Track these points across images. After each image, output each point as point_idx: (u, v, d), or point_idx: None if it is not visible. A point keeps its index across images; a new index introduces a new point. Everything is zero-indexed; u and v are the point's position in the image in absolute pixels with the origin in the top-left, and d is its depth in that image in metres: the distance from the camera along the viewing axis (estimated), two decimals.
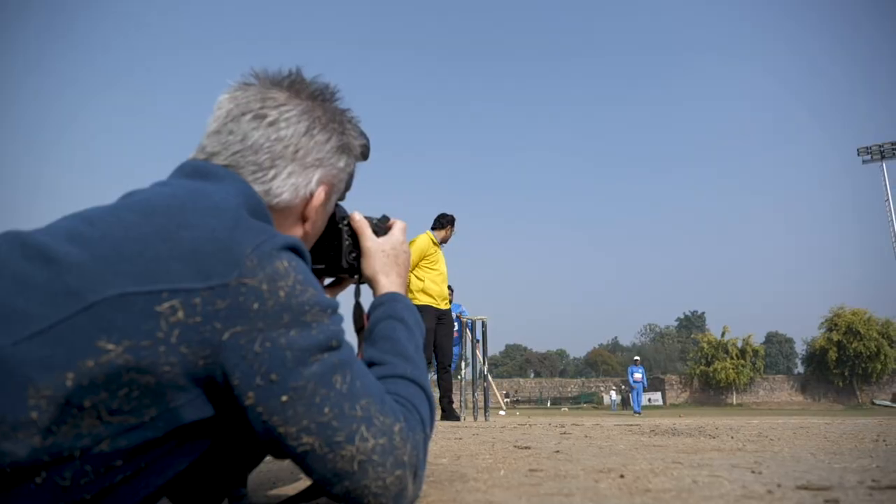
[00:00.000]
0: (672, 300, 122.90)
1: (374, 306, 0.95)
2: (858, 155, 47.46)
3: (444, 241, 6.31)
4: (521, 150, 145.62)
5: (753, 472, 1.36)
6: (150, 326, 0.63)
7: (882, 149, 46.24)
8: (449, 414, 6.23)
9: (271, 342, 0.67)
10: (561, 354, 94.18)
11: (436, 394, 6.45)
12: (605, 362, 77.59)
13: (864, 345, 43.42)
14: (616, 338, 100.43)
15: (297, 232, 0.91)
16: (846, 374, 44.51)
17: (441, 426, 4.29)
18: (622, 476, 1.28)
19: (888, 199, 45.10)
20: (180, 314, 0.64)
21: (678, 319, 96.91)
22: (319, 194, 0.89)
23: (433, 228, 6.35)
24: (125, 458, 0.65)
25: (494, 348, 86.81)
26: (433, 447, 2.16)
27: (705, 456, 1.76)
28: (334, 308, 0.76)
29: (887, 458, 1.69)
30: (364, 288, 1.03)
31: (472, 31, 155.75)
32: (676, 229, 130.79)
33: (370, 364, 0.87)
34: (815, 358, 46.82)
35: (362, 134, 0.99)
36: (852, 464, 1.52)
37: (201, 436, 0.71)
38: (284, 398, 0.67)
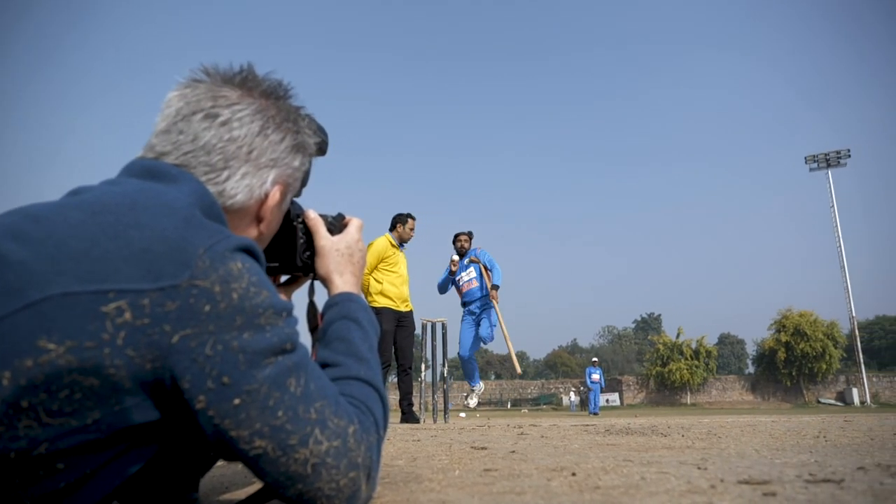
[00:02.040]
0: (630, 303, 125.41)
1: (328, 306, 0.95)
2: (806, 163, 49.44)
3: (402, 241, 6.29)
4: (482, 151, 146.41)
5: (699, 468, 1.41)
6: (94, 327, 0.62)
7: (828, 157, 48.24)
8: (409, 416, 6.22)
9: (223, 345, 0.66)
10: (521, 356, 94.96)
11: (397, 396, 6.42)
12: (565, 364, 78.54)
13: (810, 345, 45.05)
14: (575, 339, 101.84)
15: (251, 232, 0.90)
16: (794, 373, 46.10)
17: (400, 428, 4.28)
18: (574, 474, 1.30)
19: (833, 206, 47.04)
20: (127, 315, 0.63)
21: (635, 321, 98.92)
22: (274, 194, 0.88)
23: (390, 230, 6.34)
24: (67, 463, 0.63)
25: (455, 350, 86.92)
26: (390, 449, 2.16)
27: (655, 454, 1.81)
28: (289, 310, 0.75)
29: (825, 453, 1.76)
30: (319, 287, 1.03)
31: (447, 34, 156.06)
32: (634, 234, 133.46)
33: (324, 365, 0.87)
34: (765, 358, 48.37)
35: (318, 131, 0.98)
36: (792, 459, 1.58)
37: (149, 440, 0.70)
38: (237, 401, 0.67)
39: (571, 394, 43.93)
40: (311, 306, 1.02)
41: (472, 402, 7.03)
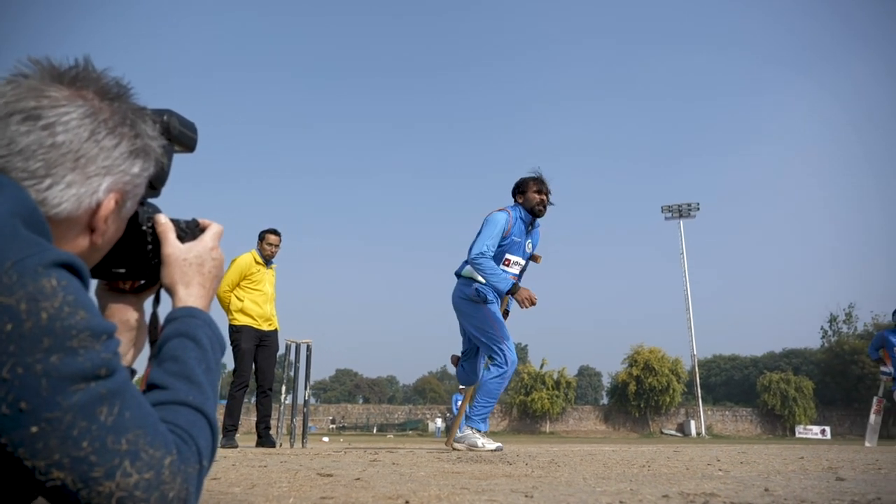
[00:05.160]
0: None
1: (167, 320, 0.89)
2: (662, 212, 54.33)
3: (266, 257, 6.12)
4: (363, 170, 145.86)
5: (527, 496, 1.50)
6: None
7: (681, 208, 53.33)
8: (265, 440, 6.00)
9: (24, 368, 0.61)
10: (391, 381, 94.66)
11: (253, 418, 6.17)
12: (434, 390, 79.21)
13: (657, 380, 48.90)
14: (445, 366, 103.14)
15: (82, 243, 0.84)
16: (642, 405, 49.73)
17: (252, 453, 4.12)
18: (407, 502, 1.34)
19: (683, 253, 51.93)
20: None
21: None
22: (108, 203, 0.81)
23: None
24: None
25: (324, 372, 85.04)
26: (232, 475, 2.08)
27: (493, 482, 1.89)
28: (109, 333, 0.70)
29: (643, 482, 1.93)
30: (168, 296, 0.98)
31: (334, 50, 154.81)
32: None
33: (152, 386, 0.83)
34: (618, 390, 51.81)
35: (179, 128, 0.94)
36: (612, 487, 1.72)
37: None
38: (34, 429, 0.62)
39: (438, 420, 44.34)
40: (153, 317, 0.97)
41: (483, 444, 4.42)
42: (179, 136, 0.96)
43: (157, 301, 0.99)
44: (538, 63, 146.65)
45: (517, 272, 4.51)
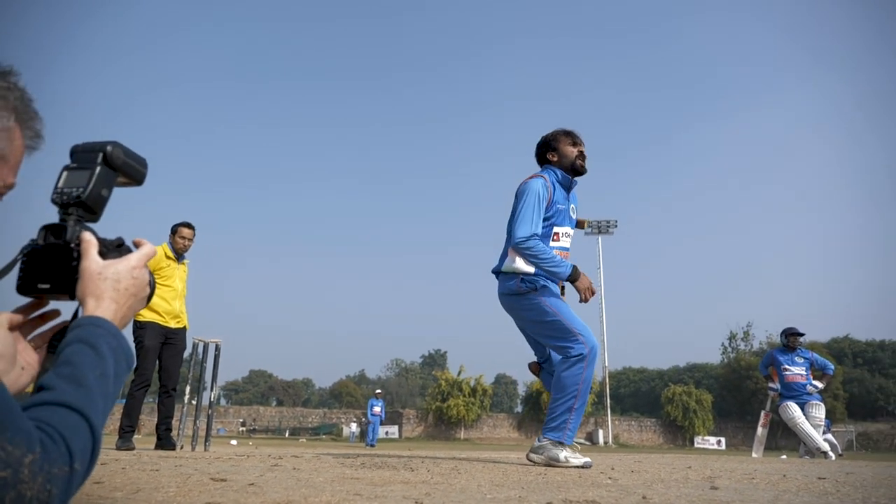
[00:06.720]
0: (419, 338, 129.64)
1: (72, 327, 0.87)
2: (583, 227, 56.25)
3: (178, 251, 5.88)
4: (281, 171, 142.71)
5: (417, 502, 1.53)
6: None
7: (600, 225, 55.38)
8: (165, 442, 5.75)
9: None
10: (307, 383, 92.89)
11: (154, 419, 5.91)
12: (350, 394, 78.32)
13: None
14: (363, 370, 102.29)
15: None
16: None
17: (147, 455, 3.95)
18: None
19: (600, 268, 53.93)
20: None
21: (423, 356, 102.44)
22: None
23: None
24: None
25: (237, 373, 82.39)
26: (119, 479, 2.00)
27: (389, 488, 1.91)
28: None
29: (534, 489, 2.01)
30: None
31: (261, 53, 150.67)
32: (430, 271, 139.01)
33: (39, 388, 0.81)
34: (532, 399, 52.99)
35: (123, 159, 0.93)
36: (501, 495, 1.78)
37: None
38: None
39: (353, 424, 43.87)
40: (66, 328, 0.95)
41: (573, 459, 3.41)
42: (123, 166, 0.97)
43: (76, 313, 0.96)
44: (462, 71, 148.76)
45: (568, 246, 3.74)
